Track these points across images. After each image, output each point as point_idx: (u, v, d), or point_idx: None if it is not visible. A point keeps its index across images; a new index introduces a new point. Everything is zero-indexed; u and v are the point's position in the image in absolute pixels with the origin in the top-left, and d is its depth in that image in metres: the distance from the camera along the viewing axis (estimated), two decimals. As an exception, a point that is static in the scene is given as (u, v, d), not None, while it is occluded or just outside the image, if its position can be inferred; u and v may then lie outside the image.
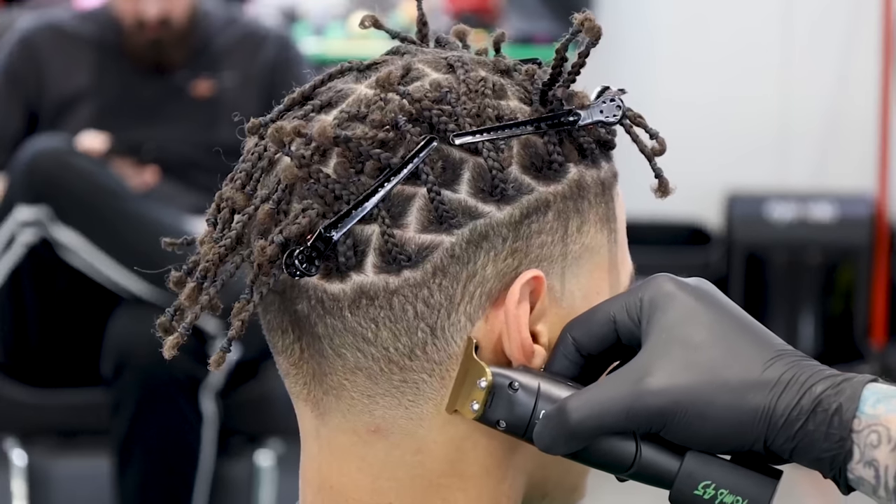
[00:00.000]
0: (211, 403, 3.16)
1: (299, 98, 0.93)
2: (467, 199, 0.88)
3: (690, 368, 0.86)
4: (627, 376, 0.87)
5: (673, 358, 0.87)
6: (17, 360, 3.28)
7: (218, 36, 3.49)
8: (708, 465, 0.88)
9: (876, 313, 4.49)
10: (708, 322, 0.88)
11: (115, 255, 3.11)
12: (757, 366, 0.86)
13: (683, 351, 0.87)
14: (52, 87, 3.42)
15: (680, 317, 0.88)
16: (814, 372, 0.86)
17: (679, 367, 0.86)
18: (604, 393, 0.87)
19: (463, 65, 0.91)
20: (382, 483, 0.91)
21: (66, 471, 3.31)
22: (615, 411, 0.86)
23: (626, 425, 0.86)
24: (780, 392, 0.86)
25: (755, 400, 0.86)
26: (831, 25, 4.67)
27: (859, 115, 4.65)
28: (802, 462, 0.86)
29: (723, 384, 0.86)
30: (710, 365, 0.86)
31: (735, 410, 0.86)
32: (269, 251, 0.88)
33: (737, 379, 0.86)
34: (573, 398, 0.87)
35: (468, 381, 0.89)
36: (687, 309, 0.88)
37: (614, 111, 0.91)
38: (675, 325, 0.88)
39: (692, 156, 4.55)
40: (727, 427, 0.86)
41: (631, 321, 0.89)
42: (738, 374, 0.86)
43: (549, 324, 0.90)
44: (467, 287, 0.88)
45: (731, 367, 0.86)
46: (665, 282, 0.90)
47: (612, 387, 0.87)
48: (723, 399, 0.86)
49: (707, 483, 0.87)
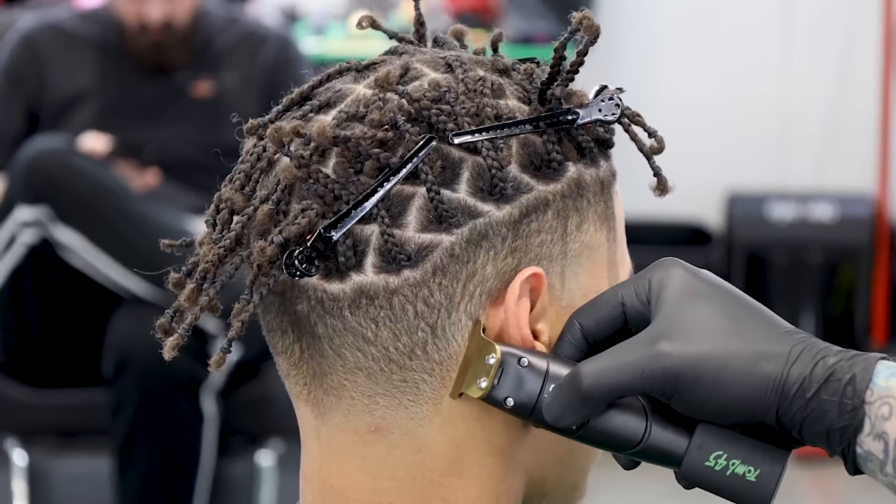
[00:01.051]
0: (211, 403, 3.16)
1: (298, 98, 0.93)
2: (466, 199, 0.88)
3: (704, 336, 0.87)
4: (642, 340, 0.87)
5: (687, 326, 0.87)
6: (17, 360, 3.28)
7: (219, 36, 3.49)
8: (719, 436, 0.87)
9: (876, 313, 4.49)
10: (718, 299, 0.88)
11: (116, 256, 3.11)
12: (769, 338, 0.87)
13: (696, 321, 0.87)
14: (53, 87, 3.42)
15: (690, 293, 0.88)
16: (824, 346, 0.87)
17: (693, 333, 0.87)
18: (618, 356, 0.87)
19: (461, 64, 0.91)
20: (383, 482, 0.91)
21: (66, 471, 3.31)
22: (630, 372, 0.87)
23: (639, 387, 0.87)
24: (793, 362, 0.86)
25: (768, 368, 0.86)
26: (831, 25, 4.67)
27: (859, 115, 4.66)
28: (811, 434, 0.86)
29: (736, 352, 0.86)
30: (722, 334, 0.87)
31: (749, 377, 0.86)
32: (268, 252, 0.88)
33: (750, 348, 0.87)
34: (586, 363, 0.88)
35: (476, 362, 0.89)
36: (697, 287, 0.89)
37: (613, 110, 0.91)
38: (687, 300, 0.88)
39: (693, 156, 4.55)
40: (740, 394, 0.86)
41: (640, 302, 0.89)
42: (751, 344, 0.87)
43: (550, 322, 0.90)
44: (467, 286, 0.88)
45: (744, 338, 0.87)
46: (673, 264, 0.90)
47: (627, 350, 0.87)
48: (736, 365, 0.86)
49: (719, 454, 0.87)
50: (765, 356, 0.86)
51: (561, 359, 0.90)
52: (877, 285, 4.51)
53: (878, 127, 4.57)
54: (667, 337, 0.87)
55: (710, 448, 0.87)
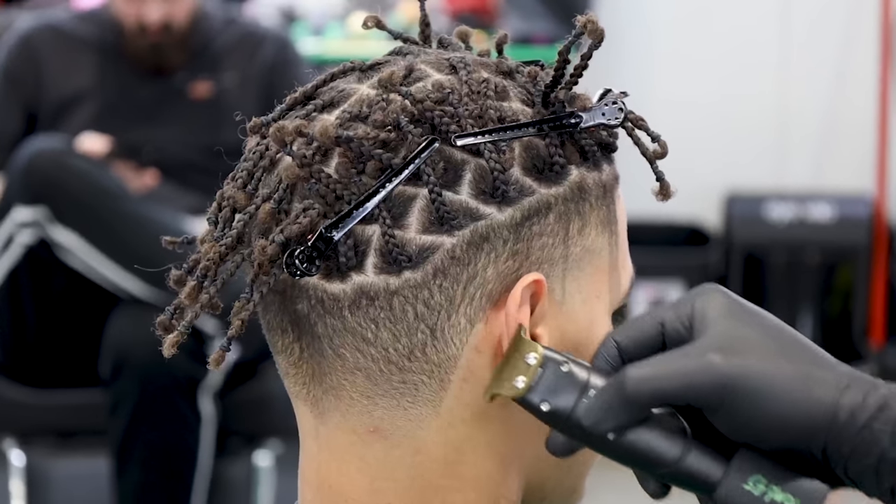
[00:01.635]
0: (209, 404, 3.16)
1: (301, 97, 0.93)
2: (468, 201, 0.88)
3: (754, 352, 0.85)
4: (691, 350, 0.86)
5: (736, 342, 0.85)
6: (15, 361, 3.28)
7: (217, 37, 3.49)
8: (760, 460, 0.85)
9: (875, 313, 4.49)
10: (763, 324, 0.87)
11: (114, 256, 3.11)
12: (818, 364, 0.85)
13: (744, 339, 0.85)
14: (52, 87, 3.42)
15: (735, 316, 0.87)
16: (873, 379, 0.85)
17: (743, 349, 0.85)
18: (668, 362, 0.86)
19: (465, 66, 0.91)
20: (381, 483, 0.91)
21: (64, 471, 3.31)
22: (677, 378, 0.85)
23: (686, 395, 0.85)
24: (843, 388, 0.84)
25: (819, 392, 0.84)
26: (830, 26, 4.67)
27: (858, 116, 4.65)
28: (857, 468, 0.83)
29: (787, 372, 0.85)
30: (772, 354, 0.85)
31: (800, 397, 0.84)
32: (269, 250, 0.88)
33: (800, 371, 0.85)
34: (633, 367, 0.86)
35: (513, 361, 0.88)
36: (740, 311, 0.87)
37: (616, 114, 0.91)
38: (732, 322, 0.86)
39: (691, 156, 4.54)
40: (790, 415, 0.84)
41: (681, 325, 0.88)
42: (801, 367, 0.85)
43: (549, 327, 0.90)
44: (467, 289, 0.88)
45: (793, 361, 0.85)
46: (716, 290, 0.89)
47: (675, 357, 0.86)
48: (788, 384, 0.84)
49: (758, 477, 0.85)
50: (816, 381, 0.84)
51: (601, 371, 0.88)
52: (875, 286, 4.51)
53: (877, 128, 4.57)
54: (718, 348, 0.85)
55: (751, 470, 0.85)
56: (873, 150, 4.58)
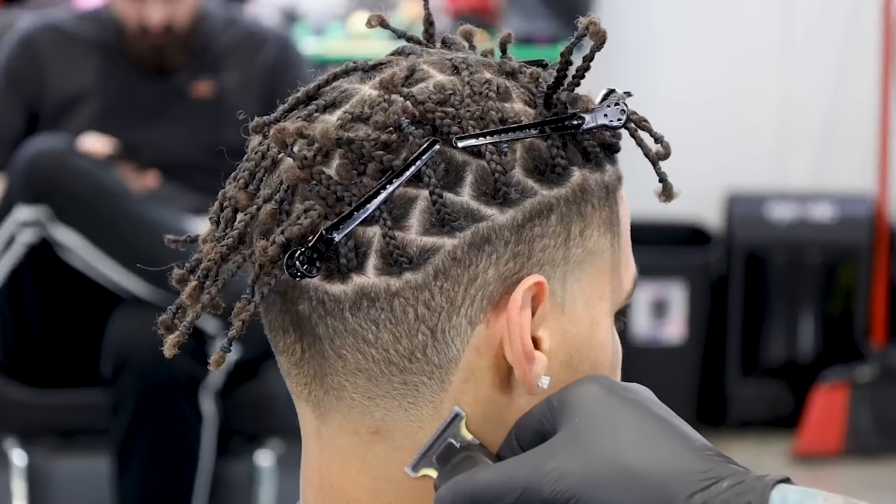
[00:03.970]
0: (211, 403, 3.16)
1: (304, 97, 0.93)
2: (470, 202, 0.88)
3: (588, 457, 0.85)
4: (528, 461, 0.86)
5: (573, 447, 0.85)
6: (17, 360, 3.28)
7: (218, 37, 3.49)
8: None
9: (876, 313, 4.49)
10: (622, 417, 0.86)
11: (115, 256, 3.11)
12: (667, 455, 0.85)
13: (586, 440, 0.85)
14: (53, 87, 3.42)
15: (592, 411, 0.86)
16: (726, 468, 0.84)
17: (577, 456, 0.85)
18: (504, 473, 0.86)
19: (468, 66, 0.91)
20: (382, 484, 0.91)
21: (66, 471, 3.31)
22: (509, 491, 0.86)
23: (519, 501, 0.86)
24: (687, 480, 0.83)
25: (654, 485, 0.83)
26: (830, 25, 4.67)
27: (859, 115, 4.65)
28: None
29: (623, 471, 0.84)
30: (610, 453, 0.85)
31: (634, 495, 0.84)
32: (270, 251, 0.88)
33: (640, 465, 0.84)
34: (480, 470, 0.87)
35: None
36: (603, 404, 0.87)
37: (618, 115, 0.91)
38: (585, 418, 0.86)
39: (692, 156, 4.54)
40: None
41: (546, 420, 0.88)
42: (642, 460, 0.84)
43: (551, 329, 0.90)
44: (468, 290, 0.88)
45: (636, 454, 0.84)
46: (587, 383, 0.89)
47: (512, 469, 0.86)
48: (618, 485, 0.84)
49: None
50: (656, 474, 0.84)
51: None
52: (876, 286, 4.50)
53: (878, 127, 4.57)
54: (550, 459, 0.85)
55: None
56: (874, 150, 4.58)
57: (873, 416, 4.37)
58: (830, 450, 4.31)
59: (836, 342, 4.55)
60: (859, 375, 4.38)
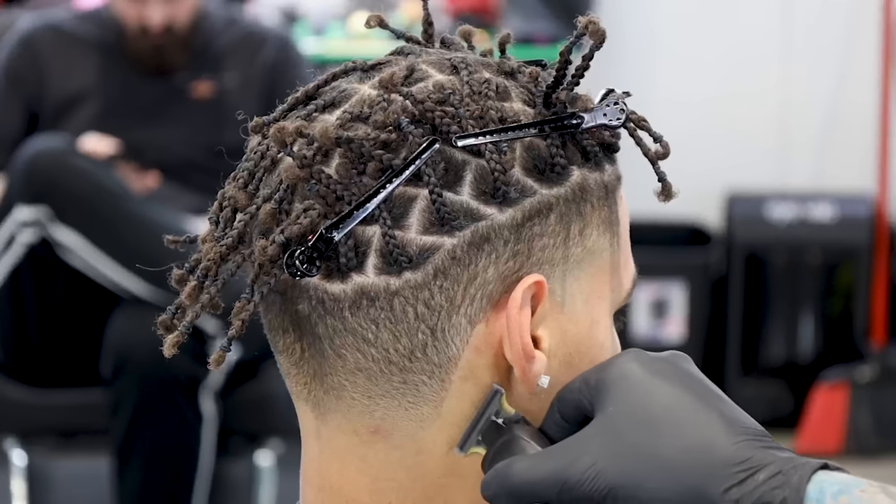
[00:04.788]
0: (211, 403, 3.16)
1: (303, 97, 0.93)
2: (469, 201, 0.88)
3: (623, 451, 0.84)
4: (563, 454, 0.85)
5: (608, 440, 0.85)
6: (17, 360, 3.28)
7: (218, 37, 3.49)
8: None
9: (876, 313, 4.49)
10: (657, 404, 0.85)
11: (115, 256, 3.11)
12: (704, 446, 0.84)
13: (621, 432, 0.85)
14: (53, 87, 3.42)
15: (627, 397, 0.86)
16: (764, 455, 0.83)
17: (612, 449, 0.84)
18: (542, 467, 0.86)
19: (467, 66, 0.91)
20: (382, 483, 0.91)
21: (66, 471, 3.31)
22: (549, 486, 0.85)
23: (560, 500, 0.85)
24: (723, 474, 0.82)
25: (690, 480, 0.83)
26: (831, 26, 4.67)
27: (859, 115, 4.65)
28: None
29: (658, 467, 0.83)
30: (646, 446, 0.84)
31: (670, 490, 0.83)
32: (270, 251, 0.88)
33: (676, 458, 0.83)
34: (519, 460, 0.87)
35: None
36: (638, 389, 0.86)
37: (617, 114, 0.91)
38: (621, 406, 0.86)
39: (692, 156, 4.54)
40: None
41: (587, 400, 0.88)
42: (678, 453, 0.83)
43: (550, 328, 0.90)
44: (468, 289, 0.88)
45: (672, 447, 0.84)
46: (625, 361, 0.88)
47: (550, 462, 0.86)
48: (656, 480, 0.83)
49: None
50: (693, 466, 0.83)
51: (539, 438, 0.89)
52: (876, 286, 4.50)
53: (878, 127, 4.57)
54: (585, 453, 0.85)
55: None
56: (874, 150, 4.58)
57: (873, 416, 4.37)
58: (830, 450, 4.31)
59: (836, 342, 4.55)
60: (859, 375, 4.38)
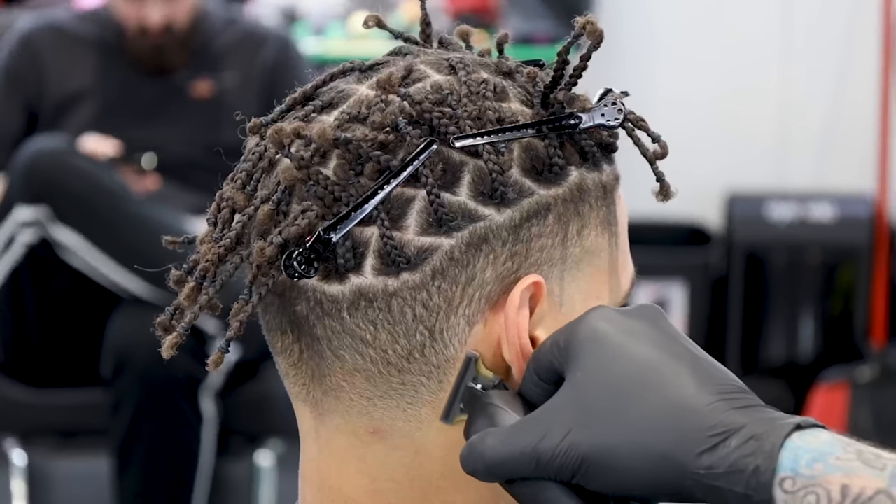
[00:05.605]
0: (210, 403, 3.16)
1: (301, 98, 0.93)
2: (467, 202, 0.88)
3: (594, 420, 0.83)
4: (535, 427, 0.84)
5: (578, 409, 0.83)
6: (17, 360, 3.28)
7: (218, 36, 3.49)
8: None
9: (876, 313, 4.49)
10: (627, 364, 0.84)
11: (115, 256, 3.11)
12: (673, 410, 0.82)
13: (590, 401, 0.83)
14: (53, 87, 3.42)
15: (596, 361, 0.84)
16: (738, 415, 0.81)
17: (582, 419, 0.83)
18: (514, 442, 0.84)
19: (465, 66, 0.91)
20: (381, 484, 0.91)
21: (66, 471, 3.31)
22: (524, 463, 0.84)
23: (537, 475, 0.84)
24: (694, 439, 0.81)
25: (662, 447, 0.81)
26: (831, 26, 4.67)
27: (859, 116, 4.65)
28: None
29: (628, 435, 0.82)
30: (615, 413, 0.82)
31: (641, 458, 0.81)
32: (267, 252, 0.88)
33: (646, 425, 0.82)
34: (492, 435, 0.85)
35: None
36: (606, 351, 0.85)
37: (615, 114, 0.91)
38: (589, 372, 0.84)
39: (692, 156, 4.54)
40: (637, 475, 0.81)
41: (556, 361, 0.86)
42: (648, 419, 0.82)
43: (548, 328, 0.90)
44: (466, 290, 0.88)
45: (641, 413, 0.82)
46: (594, 319, 0.86)
47: (522, 437, 0.84)
48: (627, 449, 0.82)
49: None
50: (665, 430, 0.81)
51: (512, 402, 0.88)
52: (876, 286, 4.50)
53: (878, 127, 4.57)
54: (557, 424, 0.83)
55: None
56: (874, 150, 4.58)
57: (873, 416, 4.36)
58: (830, 450, 4.30)
59: (836, 342, 4.54)
60: (859, 375, 4.38)
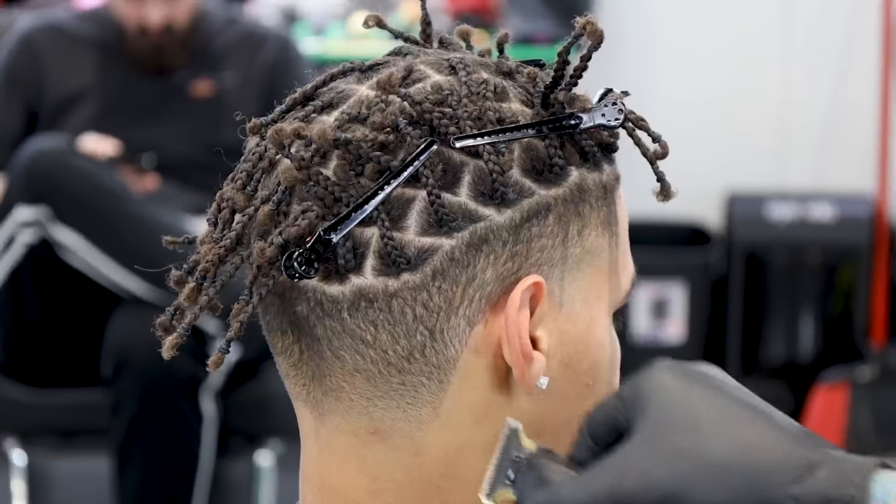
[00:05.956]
0: (211, 403, 3.16)
1: (301, 98, 0.93)
2: (467, 203, 0.88)
3: (673, 455, 0.81)
4: (612, 469, 0.83)
5: (656, 447, 0.82)
6: (17, 360, 3.28)
7: (218, 36, 3.49)
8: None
9: (876, 313, 4.49)
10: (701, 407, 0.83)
11: (115, 256, 3.11)
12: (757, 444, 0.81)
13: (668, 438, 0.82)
14: (53, 86, 3.42)
15: (668, 404, 0.83)
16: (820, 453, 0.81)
17: (661, 455, 0.82)
18: (593, 485, 0.82)
19: (465, 66, 0.91)
20: (381, 484, 0.91)
21: (66, 471, 3.31)
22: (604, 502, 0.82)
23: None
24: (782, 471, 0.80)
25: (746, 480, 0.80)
26: (831, 26, 4.67)
27: (859, 116, 4.65)
28: None
29: (712, 466, 0.81)
30: (695, 448, 0.81)
31: (725, 490, 0.80)
32: (268, 253, 0.88)
33: (728, 459, 0.81)
34: (565, 485, 0.84)
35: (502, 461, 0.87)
36: (677, 396, 0.84)
37: (616, 114, 0.91)
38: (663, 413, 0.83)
39: (692, 156, 4.54)
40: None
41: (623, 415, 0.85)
42: (729, 454, 0.81)
43: (549, 329, 0.90)
44: (467, 291, 0.88)
45: (722, 448, 0.81)
46: (658, 372, 0.85)
47: (600, 478, 0.83)
48: (710, 483, 0.80)
49: None
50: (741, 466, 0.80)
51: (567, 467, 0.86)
52: (876, 286, 4.50)
53: (878, 127, 4.57)
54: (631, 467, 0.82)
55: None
56: (874, 150, 4.58)
57: (873, 416, 4.36)
58: (830, 450, 4.30)
59: (836, 342, 4.54)
60: (859, 375, 4.38)
